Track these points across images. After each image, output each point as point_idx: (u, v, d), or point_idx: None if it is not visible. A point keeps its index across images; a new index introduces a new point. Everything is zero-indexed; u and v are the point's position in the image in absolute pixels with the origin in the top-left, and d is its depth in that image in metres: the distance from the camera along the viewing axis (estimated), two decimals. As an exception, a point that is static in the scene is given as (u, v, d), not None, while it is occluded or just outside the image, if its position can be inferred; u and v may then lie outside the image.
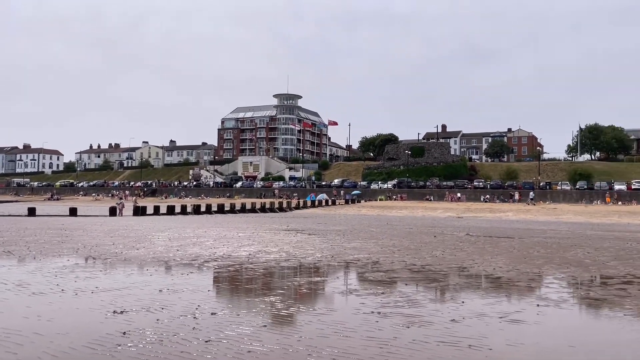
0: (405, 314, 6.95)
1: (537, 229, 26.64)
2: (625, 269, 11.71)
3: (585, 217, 38.91)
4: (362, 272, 11.04)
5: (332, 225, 27.94)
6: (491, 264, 12.37)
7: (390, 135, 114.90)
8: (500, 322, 6.61)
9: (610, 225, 31.81)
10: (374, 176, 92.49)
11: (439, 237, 20.09)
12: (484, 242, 18.40)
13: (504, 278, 10.33)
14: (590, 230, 26.50)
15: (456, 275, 10.75)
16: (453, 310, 7.28)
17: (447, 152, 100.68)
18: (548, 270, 11.57)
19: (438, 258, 13.37)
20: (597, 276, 10.84)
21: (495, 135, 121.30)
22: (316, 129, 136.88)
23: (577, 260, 13.25)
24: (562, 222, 35.17)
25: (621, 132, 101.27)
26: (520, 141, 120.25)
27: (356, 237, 19.67)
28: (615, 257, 14.15)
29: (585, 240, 19.57)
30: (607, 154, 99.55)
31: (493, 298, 8.27)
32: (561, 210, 45.37)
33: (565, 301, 8.16)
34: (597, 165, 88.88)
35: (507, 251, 15.34)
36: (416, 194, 74.74)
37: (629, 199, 60.91)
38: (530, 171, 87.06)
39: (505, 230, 25.82)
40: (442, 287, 9.30)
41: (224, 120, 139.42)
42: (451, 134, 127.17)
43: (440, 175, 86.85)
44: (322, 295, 8.59)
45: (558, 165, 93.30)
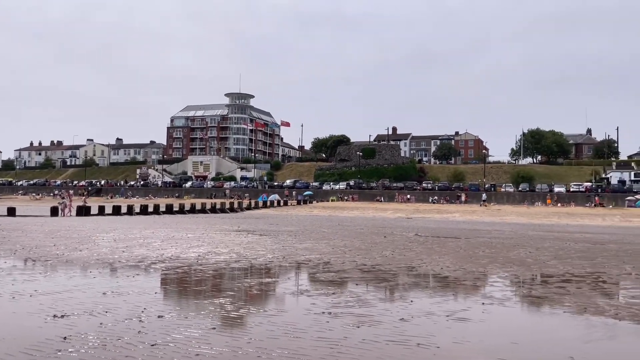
0: (355, 313, 6.99)
1: (482, 230, 27.50)
2: (564, 268, 12.25)
3: (527, 218, 40.50)
4: (314, 272, 11.04)
5: (284, 226, 27.85)
6: (439, 263, 12.66)
7: (342, 137, 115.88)
8: (448, 320, 6.76)
9: (550, 225, 33.25)
10: (326, 177, 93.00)
11: (389, 238, 20.39)
12: (432, 242, 18.82)
13: (451, 277, 10.59)
14: (532, 230, 27.60)
15: (405, 274, 10.93)
16: (402, 309, 7.39)
17: (398, 154, 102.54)
18: (493, 269, 11.95)
19: (388, 258, 13.56)
20: (538, 275, 11.28)
21: (443, 138, 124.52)
22: (269, 129, 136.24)
23: (520, 260, 13.76)
24: (505, 222, 36.46)
25: (561, 136, 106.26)
26: (467, 144, 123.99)
27: (308, 238, 19.68)
28: (555, 256, 14.79)
29: (528, 241, 20.36)
30: (547, 158, 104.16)
31: (440, 297, 8.46)
32: (505, 212, 47.04)
33: (508, 299, 8.45)
34: (538, 168, 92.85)
35: (454, 251, 15.74)
36: (367, 195, 75.68)
37: (567, 200, 63.91)
38: (476, 173, 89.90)
39: (452, 230, 26.51)
40: (391, 287, 9.43)
41: (173, 118, 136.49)
42: (401, 136, 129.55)
43: (391, 177, 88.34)
44: (273, 297, 8.53)
45: (502, 168, 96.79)
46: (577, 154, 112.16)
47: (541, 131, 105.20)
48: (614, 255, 15.21)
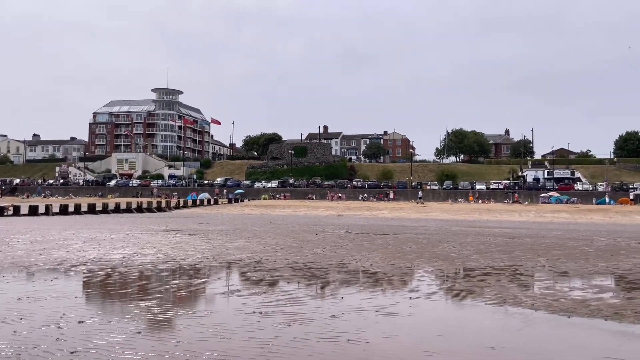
0: (287, 312, 6.98)
1: (409, 226, 28.37)
2: (485, 262, 12.88)
3: (451, 214, 42.22)
4: (245, 272, 10.92)
5: (214, 225, 27.34)
6: (368, 259, 12.92)
7: (274, 135, 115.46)
8: (377, 315, 6.90)
9: (472, 221, 34.86)
10: (257, 175, 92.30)
11: (320, 235, 20.56)
12: (362, 239, 19.18)
13: (380, 273, 10.84)
14: (456, 226, 28.82)
15: (336, 271, 11.05)
16: (333, 306, 7.47)
17: (329, 153, 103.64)
18: (419, 264, 12.35)
19: (319, 255, 13.66)
20: (461, 269, 11.79)
21: (373, 138, 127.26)
22: (198, 126, 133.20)
23: (445, 255, 14.32)
24: (431, 219, 37.81)
25: (482, 137, 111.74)
26: (395, 143, 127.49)
27: (239, 237, 19.44)
28: (477, 250, 15.52)
29: (452, 236, 21.23)
30: (470, 157, 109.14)
31: (370, 292, 8.63)
32: (430, 208, 48.79)
33: (434, 293, 8.76)
34: (461, 167, 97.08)
35: (383, 247, 16.13)
36: (299, 193, 75.92)
37: (487, 197, 67.31)
38: (404, 172, 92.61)
39: (381, 227, 27.15)
40: (322, 284, 9.50)
41: (96, 114, 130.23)
42: (332, 135, 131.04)
43: (322, 175, 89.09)
44: (203, 298, 8.34)
45: (428, 167, 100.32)
46: (496, 153, 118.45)
47: (464, 131, 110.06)
48: (530, 249, 16.18)
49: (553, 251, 15.64)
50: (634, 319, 6.96)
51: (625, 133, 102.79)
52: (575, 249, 16.32)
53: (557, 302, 7.97)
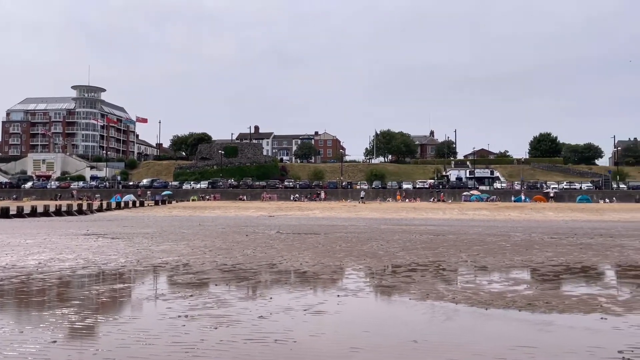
0: (213, 315, 6.85)
1: (339, 225, 28.76)
2: (410, 258, 13.30)
3: (380, 213, 43.25)
4: (171, 275, 10.61)
5: (139, 228, 26.37)
6: (298, 259, 12.96)
7: (203, 135, 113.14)
8: (305, 314, 6.94)
9: (399, 220, 35.90)
10: (186, 176, 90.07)
11: (250, 236, 20.38)
12: (292, 239, 19.21)
13: (309, 272, 10.90)
14: (384, 225, 29.55)
15: (266, 272, 11.00)
16: (261, 306, 7.42)
17: (260, 153, 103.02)
18: (348, 262, 12.55)
19: (249, 256, 13.54)
20: (388, 265, 12.09)
21: (304, 138, 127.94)
22: (123, 126, 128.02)
23: (372, 252, 14.64)
24: (361, 218, 38.54)
25: (408, 138, 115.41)
26: (326, 144, 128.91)
27: (166, 240, 18.88)
28: (403, 248, 16.00)
29: (380, 234, 21.75)
30: (397, 157, 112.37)
31: (299, 292, 8.66)
32: (360, 207, 49.72)
33: (361, 290, 8.93)
34: (389, 167, 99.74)
35: (313, 246, 16.25)
36: (230, 194, 74.87)
37: (414, 196, 69.60)
38: (335, 172, 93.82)
39: (313, 227, 27.34)
40: (252, 285, 9.42)
41: (9, 111, 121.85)
42: (264, 135, 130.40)
43: (254, 175, 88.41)
44: (125, 303, 8.02)
45: (358, 167, 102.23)
46: (422, 153, 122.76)
47: (391, 132, 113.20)
48: (452, 245, 16.89)
49: (474, 247, 16.41)
50: (545, 309, 7.43)
51: (539, 134, 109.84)
52: (494, 245, 17.22)
53: (476, 295, 8.36)
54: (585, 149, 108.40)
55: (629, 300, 8.09)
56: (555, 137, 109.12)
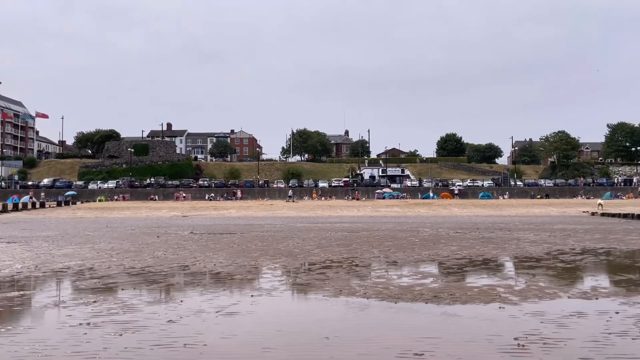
0: (119, 321, 6.52)
1: (256, 224, 28.55)
2: (325, 255, 13.48)
3: (296, 211, 43.47)
4: (73, 280, 9.98)
5: (39, 231, 24.55)
6: (212, 260, 12.69)
7: (111, 132, 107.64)
8: (217, 316, 6.79)
9: (315, 218, 36.28)
10: (92, 175, 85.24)
11: (162, 237, 19.67)
12: (207, 239, 18.78)
13: (223, 273, 10.70)
14: (300, 223, 29.72)
15: (177, 274, 10.66)
16: (171, 310, 7.17)
17: (173, 151, 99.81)
18: (263, 261, 12.47)
19: (160, 258, 13.06)
20: (303, 263, 12.17)
21: (219, 136, 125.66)
22: (20, 121, 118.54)
23: (288, 251, 14.67)
24: (277, 217, 38.50)
25: (324, 137, 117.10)
26: (242, 142, 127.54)
27: (69, 243, 17.73)
28: (318, 245, 16.18)
29: (296, 232, 21.85)
30: (313, 156, 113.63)
31: (211, 293, 8.47)
32: (277, 206, 49.69)
33: (276, 289, 8.90)
34: (305, 165, 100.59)
35: (228, 246, 15.99)
36: (140, 194, 71.81)
37: (330, 194, 70.73)
38: (251, 170, 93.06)
39: (228, 226, 26.91)
40: (162, 288, 9.08)
41: None
42: (177, 133, 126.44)
43: (166, 174, 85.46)
44: (20, 313, 7.41)
45: (274, 165, 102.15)
46: (337, 152, 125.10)
47: (308, 131, 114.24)
48: (366, 242, 17.34)
49: (385, 243, 16.95)
50: (449, 300, 7.82)
51: (445, 135, 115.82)
52: (404, 240, 17.90)
53: (386, 290, 8.63)
54: (486, 148, 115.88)
55: (524, 289, 8.72)
56: (460, 138, 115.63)
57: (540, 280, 9.65)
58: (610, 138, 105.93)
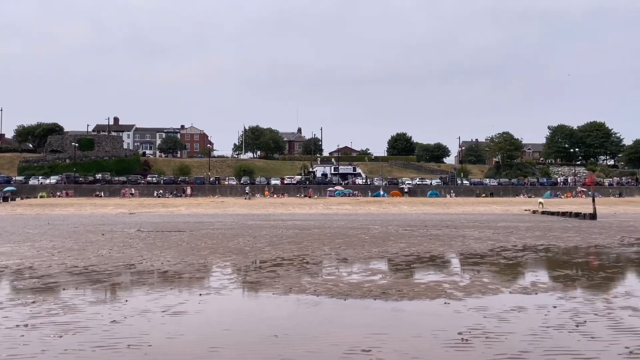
0: (59, 322, 6.26)
1: (206, 222, 28.13)
2: (276, 253, 13.43)
3: (248, 209, 43.11)
4: (11, 280, 9.51)
5: (-27, 228, 23.26)
6: (160, 258, 12.40)
7: (54, 125, 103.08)
8: (163, 316, 6.64)
9: (267, 215, 36.11)
10: (33, 170, 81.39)
11: (107, 235, 19.06)
12: (154, 237, 18.34)
13: (171, 271, 10.48)
14: (252, 220, 29.51)
15: (123, 273, 10.35)
16: (115, 310, 6.96)
17: (120, 146, 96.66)
18: (213, 259, 12.30)
19: (104, 257, 12.64)
20: (254, 261, 12.09)
21: (169, 132, 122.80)
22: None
23: (239, 249, 14.53)
24: (228, 214, 38.07)
25: (277, 134, 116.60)
26: (193, 138, 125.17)
27: (7, 241, 16.90)
28: (270, 243, 16.11)
29: (247, 230, 21.67)
30: (266, 153, 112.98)
31: (158, 293, 8.28)
32: (228, 204, 49.11)
33: (225, 287, 8.80)
34: (258, 163, 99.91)
35: (177, 245, 15.67)
36: (85, 190, 69.20)
37: (282, 192, 70.53)
38: (202, 167, 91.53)
39: (177, 224, 26.38)
40: (106, 288, 8.79)
41: None
42: (124, 128, 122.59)
43: (112, 170, 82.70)
44: (-50, 315, 7.00)
45: (226, 162, 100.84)
46: (290, 150, 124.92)
47: (260, 128, 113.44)
48: (317, 239, 17.41)
49: (336, 240, 17.08)
50: (397, 296, 7.97)
51: (396, 134, 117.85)
52: (355, 237, 18.09)
53: (336, 287, 8.70)
54: (435, 148, 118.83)
55: (469, 285, 9.00)
56: (410, 137, 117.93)
57: (484, 276, 9.99)
58: (551, 139, 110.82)
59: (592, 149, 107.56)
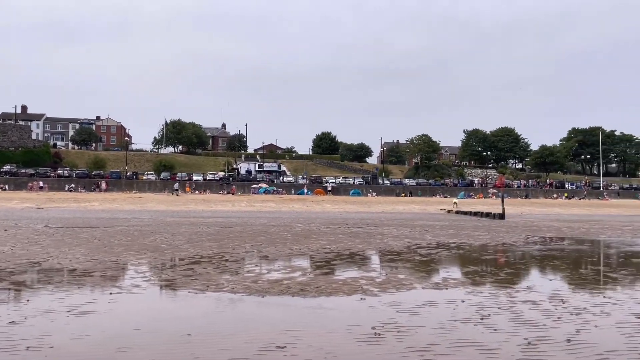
0: (-53, 325, 5.73)
1: (122, 218, 26.94)
2: (195, 251, 13.12)
3: (167, 205, 41.76)
4: None
5: None
6: (68, 255, 11.72)
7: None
8: (69, 316, 6.27)
9: (187, 212, 35.18)
10: None
11: (11, 231, 17.73)
12: (63, 233, 17.30)
13: (80, 269, 9.93)
14: (171, 217, 28.63)
15: (26, 271, 9.66)
16: (14, 311, 6.48)
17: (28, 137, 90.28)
18: (127, 257, 11.80)
19: (6, 254, 11.76)
20: (170, 259, 11.73)
21: (83, 122, 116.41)
22: None
23: (155, 246, 14.04)
24: (146, 210, 36.68)
25: (200, 129, 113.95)
26: (110, 130, 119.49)
27: None
28: (188, 240, 15.70)
29: (165, 227, 20.99)
30: (188, 148, 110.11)
31: (64, 292, 7.80)
32: (146, 199, 47.30)
33: (138, 286, 8.46)
34: (179, 158, 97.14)
35: (88, 241, 14.89)
36: (-14, 183, 64.00)
37: (204, 188, 69.06)
38: (119, 161, 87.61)
39: (90, 220, 25.07)
40: (6, 287, 8.17)
41: None
42: (33, 117, 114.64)
43: (19, 162, 77.12)
44: None
45: (145, 156, 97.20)
46: (213, 145, 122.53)
47: (183, 122, 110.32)
48: (238, 236, 17.20)
49: (258, 237, 16.97)
50: (315, 293, 8.04)
51: (321, 133, 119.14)
52: (277, 235, 18.06)
53: (255, 284, 8.63)
54: (358, 148, 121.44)
55: (384, 281, 9.26)
56: (335, 137, 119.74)
57: (400, 272, 10.32)
58: (466, 143, 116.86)
59: (503, 152, 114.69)
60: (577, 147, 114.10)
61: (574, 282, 9.65)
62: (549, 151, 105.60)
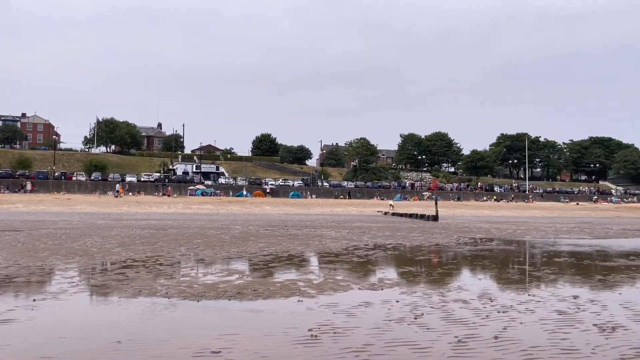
0: None
1: (48, 220, 25.58)
2: (127, 254, 12.65)
3: (98, 207, 40.06)
4: None
5: None
6: (-13, 261, 10.97)
7: None
8: (-14, 325, 5.86)
9: (120, 214, 33.90)
10: None
11: None
12: (-18, 237, 16.19)
13: (1, 275, 9.32)
14: (102, 219, 27.48)
15: (-63, 279, 8.94)
16: None
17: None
18: (53, 262, 11.21)
19: None
20: (101, 263, 11.25)
21: (7, 119, 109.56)
22: None
23: (84, 250, 13.42)
24: (75, 212, 35.03)
25: (134, 128, 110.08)
26: (36, 128, 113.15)
27: None
28: (120, 244, 15.12)
29: (95, 230, 20.12)
30: (121, 148, 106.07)
31: (-18, 300, 7.30)
32: (76, 201, 45.16)
33: (64, 292, 8.04)
34: (112, 158, 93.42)
35: (11, 245, 14.02)
36: None
37: (138, 189, 66.74)
38: (46, 160, 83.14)
39: (13, 222, 23.63)
40: None
41: None
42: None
43: None
44: None
45: (75, 156, 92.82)
46: (149, 145, 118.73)
47: (116, 121, 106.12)
48: (173, 239, 16.75)
49: (194, 240, 16.60)
50: (252, 296, 7.95)
51: (260, 135, 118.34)
52: (215, 237, 17.76)
53: (190, 288, 8.43)
54: (298, 150, 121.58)
55: (322, 283, 9.31)
56: (275, 138, 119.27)
57: (337, 274, 10.41)
58: (402, 147, 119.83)
59: (437, 156, 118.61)
60: (505, 152, 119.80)
61: (501, 281, 10.11)
62: (479, 156, 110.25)
